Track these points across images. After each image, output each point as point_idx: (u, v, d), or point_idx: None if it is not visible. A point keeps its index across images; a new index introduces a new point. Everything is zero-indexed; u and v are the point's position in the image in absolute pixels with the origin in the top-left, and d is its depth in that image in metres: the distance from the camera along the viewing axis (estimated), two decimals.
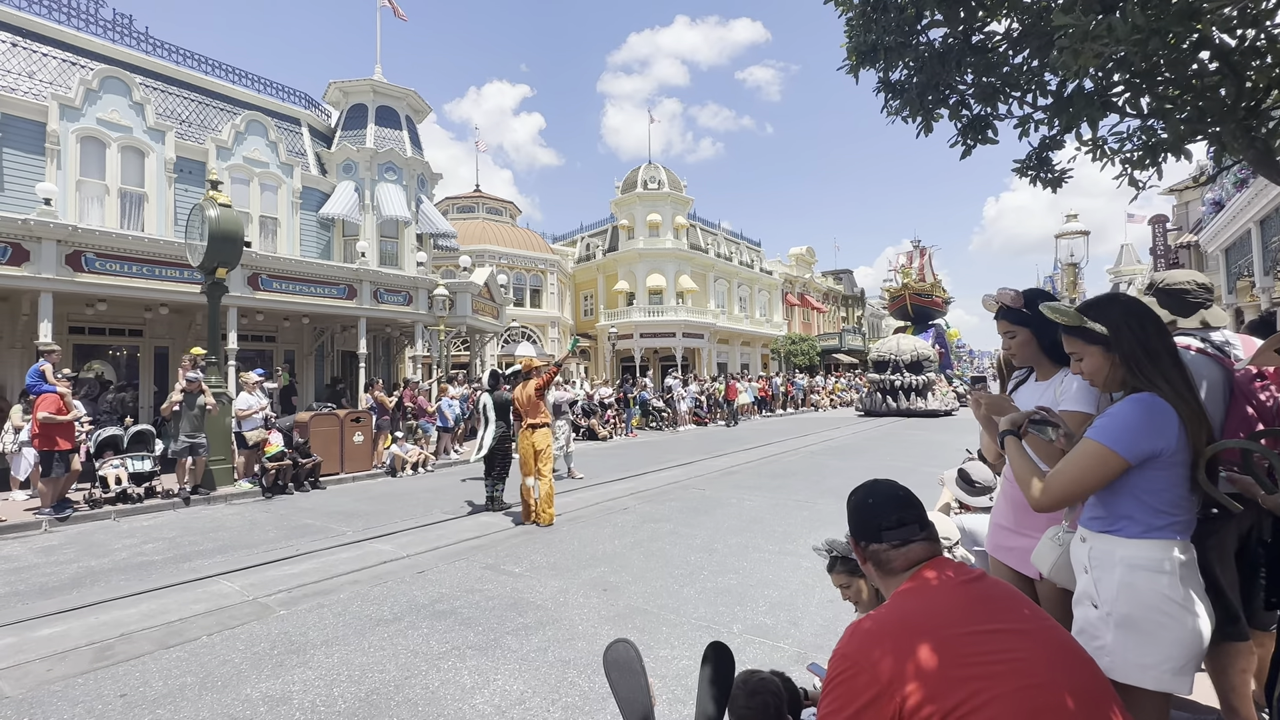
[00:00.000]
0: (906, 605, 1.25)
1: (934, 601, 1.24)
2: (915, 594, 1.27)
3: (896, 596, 1.29)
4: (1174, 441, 1.53)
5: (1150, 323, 1.62)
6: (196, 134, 14.60)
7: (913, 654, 1.10)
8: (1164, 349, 1.60)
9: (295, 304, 13.29)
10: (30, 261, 9.68)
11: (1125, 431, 1.54)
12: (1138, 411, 1.56)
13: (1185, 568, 1.53)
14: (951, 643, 1.12)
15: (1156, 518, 1.55)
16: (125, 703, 3.01)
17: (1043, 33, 2.02)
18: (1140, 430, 1.53)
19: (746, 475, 9.85)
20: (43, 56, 12.83)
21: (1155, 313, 1.66)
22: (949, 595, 1.24)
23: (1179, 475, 1.55)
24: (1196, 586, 1.55)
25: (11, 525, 6.81)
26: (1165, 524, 1.55)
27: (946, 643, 1.12)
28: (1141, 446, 1.52)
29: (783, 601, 4.15)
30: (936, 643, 1.12)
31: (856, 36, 2.33)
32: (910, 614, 1.21)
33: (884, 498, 1.43)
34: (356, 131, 17.32)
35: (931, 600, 1.24)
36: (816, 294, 44.50)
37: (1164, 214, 24.82)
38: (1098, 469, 1.54)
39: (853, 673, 1.14)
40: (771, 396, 26.44)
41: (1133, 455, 1.52)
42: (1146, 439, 1.52)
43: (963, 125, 2.48)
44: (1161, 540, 1.54)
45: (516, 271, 28.03)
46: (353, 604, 4.32)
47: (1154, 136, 2.25)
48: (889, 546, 1.38)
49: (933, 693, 1.06)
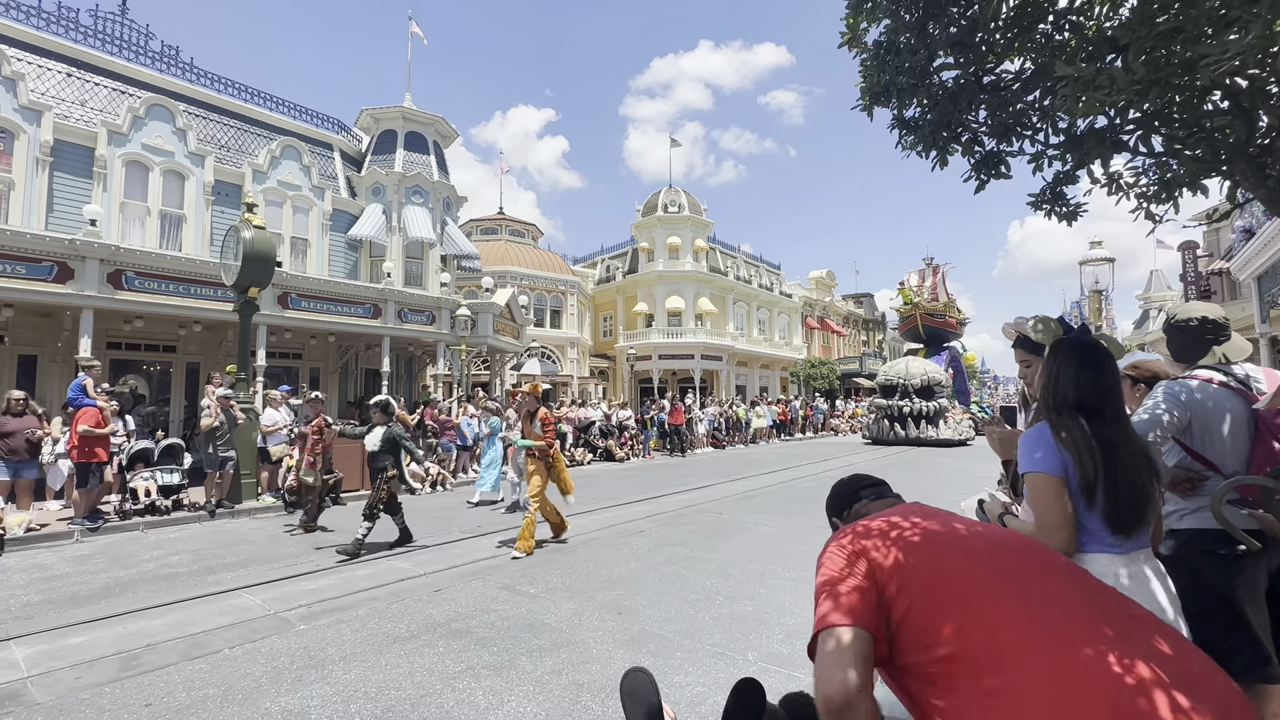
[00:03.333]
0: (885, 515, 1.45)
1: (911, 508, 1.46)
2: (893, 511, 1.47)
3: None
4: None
5: (1068, 373, 1.70)
6: (234, 158, 15.19)
7: (889, 531, 1.31)
8: (1070, 398, 1.68)
9: (323, 323, 13.64)
10: (75, 279, 10.11)
11: (1034, 452, 1.65)
12: (1033, 434, 1.69)
13: (1133, 579, 1.58)
14: (922, 526, 1.33)
15: (1092, 535, 1.61)
16: (150, 712, 3.08)
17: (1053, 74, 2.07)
18: (1046, 446, 1.63)
19: (764, 500, 9.77)
20: (95, 86, 13.53)
21: (1091, 363, 1.70)
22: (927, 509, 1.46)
23: (1079, 502, 1.61)
24: (1148, 598, 1.57)
25: (47, 534, 7.03)
26: (1104, 540, 1.61)
27: (916, 526, 1.33)
28: (1056, 459, 1.61)
29: (800, 630, 4.11)
30: (910, 527, 1.33)
31: (870, 78, 2.41)
32: (889, 514, 1.43)
33: (860, 476, 1.69)
34: (386, 156, 17.87)
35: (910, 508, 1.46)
36: (837, 317, 44.26)
37: (1194, 240, 24.35)
38: (1049, 497, 1.61)
39: (839, 544, 1.33)
40: (790, 420, 26.23)
41: (1057, 469, 1.60)
42: (1054, 452, 1.61)
43: (976, 161, 2.54)
44: (1107, 555, 1.60)
45: (537, 292, 28.40)
46: (370, 620, 4.37)
47: (1169, 172, 2.27)
48: (867, 501, 1.58)
49: (904, 554, 1.25)
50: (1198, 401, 2.17)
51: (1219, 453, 2.16)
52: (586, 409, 18.62)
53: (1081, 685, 1.03)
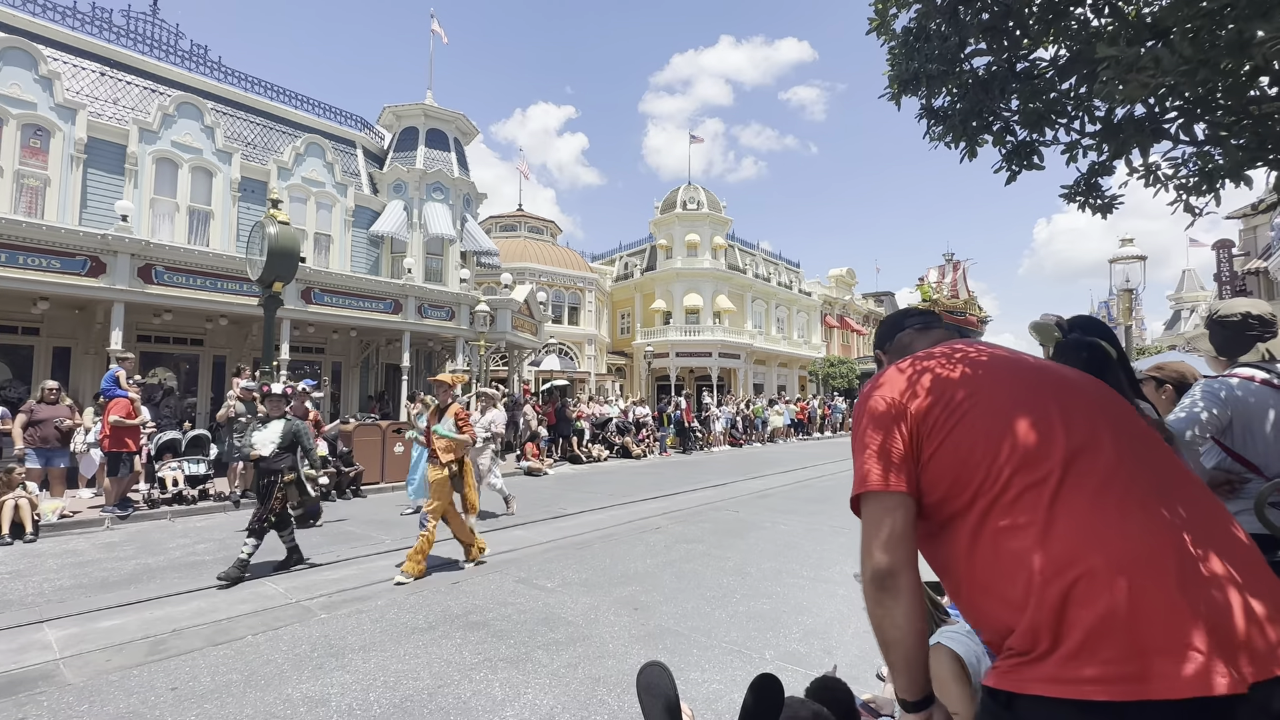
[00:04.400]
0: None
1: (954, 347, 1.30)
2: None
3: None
4: None
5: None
6: (260, 155, 15.44)
7: (923, 373, 1.21)
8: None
9: (345, 317, 13.83)
10: (107, 273, 10.36)
11: None
12: None
13: None
14: (967, 362, 1.22)
15: None
16: (176, 696, 3.14)
17: (1090, 59, 2.00)
18: None
19: (781, 498, 9.70)
20: (127, 85, 13.84)
21: (1094, 365, 1.53)
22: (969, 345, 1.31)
23: None
24: None
25: (80, 521, 7.22)
26: None
27: (960, 363, 1.22)
28: None
29: (817, 629, 4.06)
30: (952, 365, 1.22)
31: (899, 65, 2.35)
32: (933, 351, 1.30)
33: (909, 309, 1.56)
34: (407, 153, 18.04)
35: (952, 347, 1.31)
36: (857, 316, 43.77)
37: (1230, 239, 23.64)
38: None
39: (876, 388, 1.24)
40: (809, 419, 26.02)
41: None
42: None
43: (1007, 151, 2.46)
44: None
45: (556, 289, 28.50)
46: (390, 611, 4.42)
47: (1210, 162, 2.19)
48: (911, 332, 1.44)
49: (939, 394, 1.16)
50: (1238, 399, 2.09)
51: (1261, 453, 2.08)
52: (603, 406, 18.66)
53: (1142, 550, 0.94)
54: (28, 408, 8.10)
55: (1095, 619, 0.89)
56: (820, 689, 1.85)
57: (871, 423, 1.19)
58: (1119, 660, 0.87)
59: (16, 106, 11.58)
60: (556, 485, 11.52)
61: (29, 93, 11.74)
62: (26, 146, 11.76)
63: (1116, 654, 0.88)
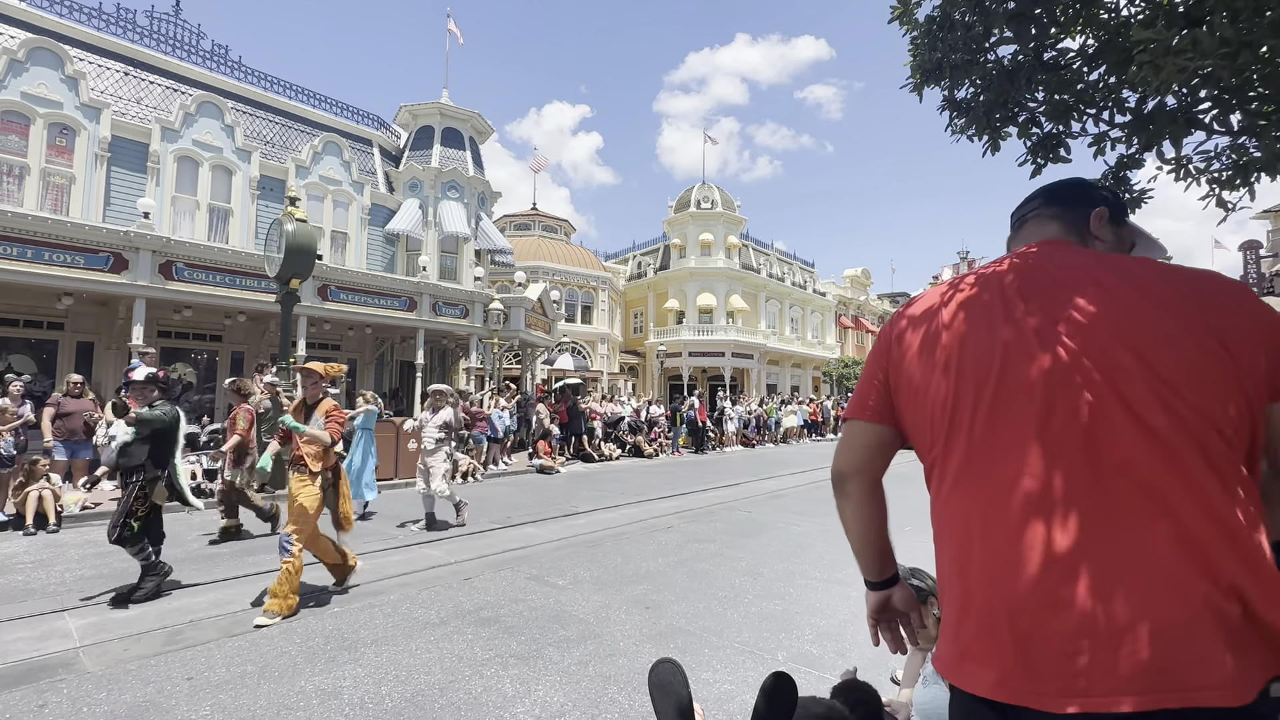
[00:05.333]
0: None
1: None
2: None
3: None
4: None
5: None
6: (279, 154, 15.63)
7: (924, 309, 1.16)
8: None
9: (360, 314, 13.95)
10: (129, 270, 10.54)
11: None
12: None
13: None
14: (964, 303, 1.11)
15: None
16: (191, 685, 3.17)
17: (1120, 48, 1.94)
18: None
19: (794, 499, 9.62)
20: (150, 84, 14.08)
21: None
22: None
23: None
24: None
25: (101, 512, 7.35)
26: None
27: (960, 301, 1.12)
28: None
29: (830, 631, 4.01)
30: (950, 303, 1.13)
31: (921, 55, 2.29)
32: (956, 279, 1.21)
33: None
34: (423, 151, 18.16)
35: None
36: (872, 317, 43.40)
37: (1257, 240, 23.09)
38: None
39: (885, 326, 1.26)
40: (822, 420, 25.83)
41: None
42: None
43: (1033, 144, 2.40)
44: None
45: (569, 288, 28.56)
46: (402, 606, 4.43)
47: (1245, 155, 2.11)
48: (1033, 220, 1.22)
49: (919, 337, 1.13)
50: None
51: None
52: (616, 404, 18.65)
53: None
54: (55, 401, 8.26)
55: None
56: (847, 690, 1.81)
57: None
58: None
59: (44, 106, 11.82)
60: (568, 483, 11.53)
61: (55, 92, 11.98)
62: (53, 145, 12.00)
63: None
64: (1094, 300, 0.97)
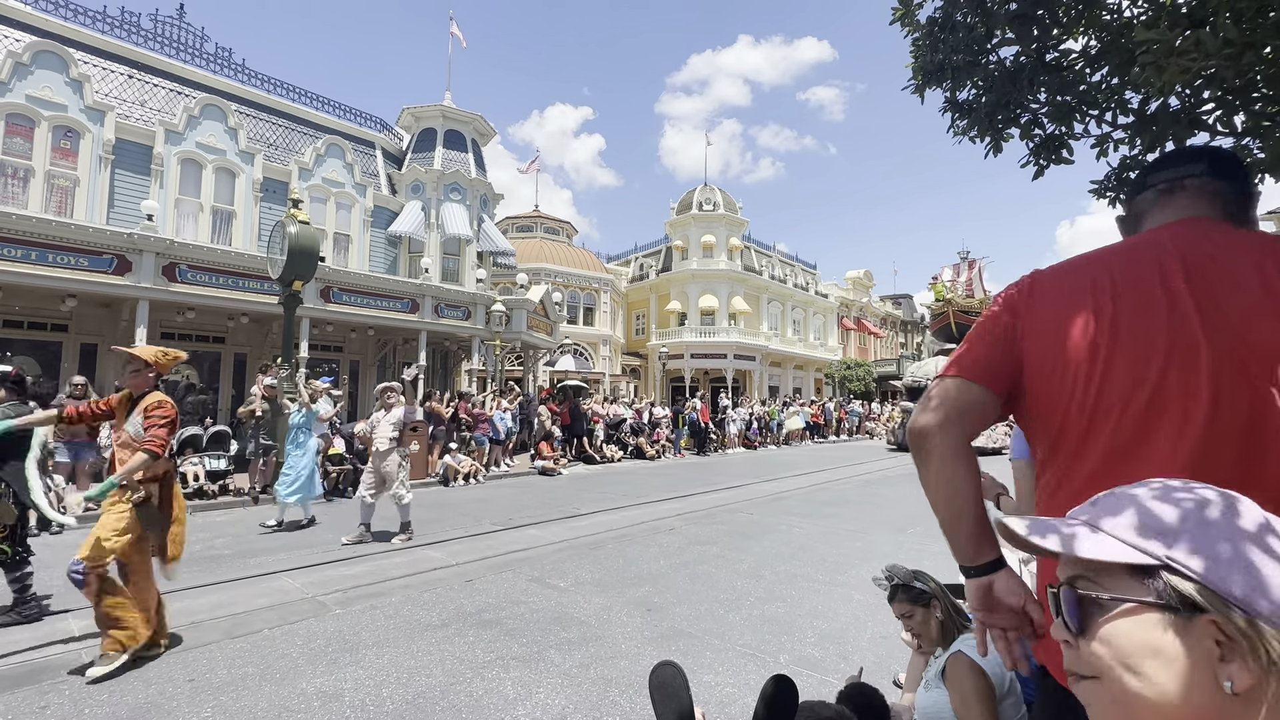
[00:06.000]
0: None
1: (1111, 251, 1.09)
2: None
3: None
4: None
5: None
6: (282, 156, 15.68)
7: (1054, 277, 1.09)
8: None
9: (362, 316, 13.98)
10: (132, 271, 10.58)
11: (1020, 441, 1.61)
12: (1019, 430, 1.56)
13: None
14: (1095, 276, 1.04)
15: None
16: (193, 687, 3.17)
17: (1123, 50, 1.93)
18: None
19: (797, 501, 9.61)
20: (154, 87, 14.14)
21: None
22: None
23: None
24: None
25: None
26: None
27: (1095, 274, 1.05)
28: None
29: (833, 634, 4.00)
30: (1085, 275, 1.06)
31: (923, 56, 2.28)
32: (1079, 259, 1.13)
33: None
34: (425, 154, 18.21)
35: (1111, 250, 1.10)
36: (874, 319, 43.35)
37: None
38: (1031, 479, 1.50)
39: (1006, 291, 1.15)
40: (824, 422, 25.79)
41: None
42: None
43: (1035, 145, 2.39)
44: None
45: (571, 290, 28.58)
46: (403, 608, 4.43)
47: (1249, 156, 2.10)
48: (1157, 191, 1.12)
49: (1048, 304, 1.06)
50: None
51: None
52: (617, 406, 18.64)
53: None
54: (59, 403, 8.28)
55: None
56: (855, 694, 1.80)
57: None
58: None
59: (48, 109, 11.87)
60: (570, 485, 11.53)
61: (60, 95, 12.03)
62: (57, 148, 12.06)
63: None
64: (1264, 296, 0.92)
